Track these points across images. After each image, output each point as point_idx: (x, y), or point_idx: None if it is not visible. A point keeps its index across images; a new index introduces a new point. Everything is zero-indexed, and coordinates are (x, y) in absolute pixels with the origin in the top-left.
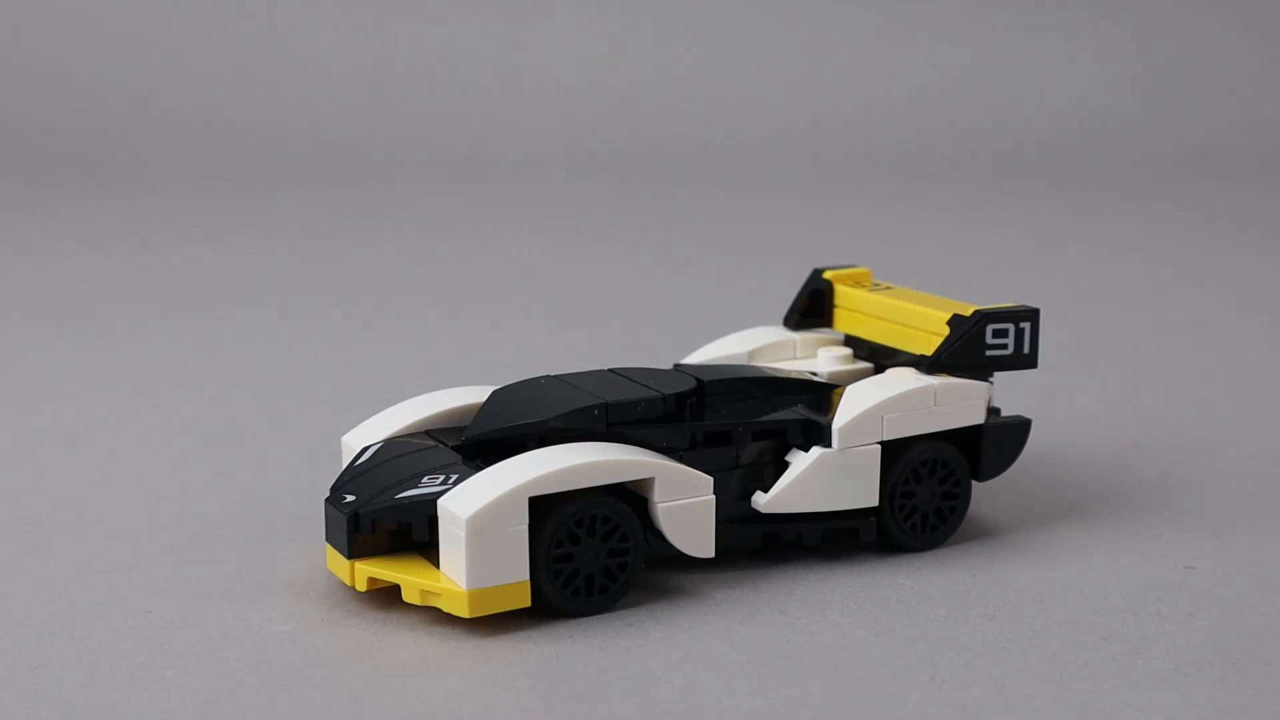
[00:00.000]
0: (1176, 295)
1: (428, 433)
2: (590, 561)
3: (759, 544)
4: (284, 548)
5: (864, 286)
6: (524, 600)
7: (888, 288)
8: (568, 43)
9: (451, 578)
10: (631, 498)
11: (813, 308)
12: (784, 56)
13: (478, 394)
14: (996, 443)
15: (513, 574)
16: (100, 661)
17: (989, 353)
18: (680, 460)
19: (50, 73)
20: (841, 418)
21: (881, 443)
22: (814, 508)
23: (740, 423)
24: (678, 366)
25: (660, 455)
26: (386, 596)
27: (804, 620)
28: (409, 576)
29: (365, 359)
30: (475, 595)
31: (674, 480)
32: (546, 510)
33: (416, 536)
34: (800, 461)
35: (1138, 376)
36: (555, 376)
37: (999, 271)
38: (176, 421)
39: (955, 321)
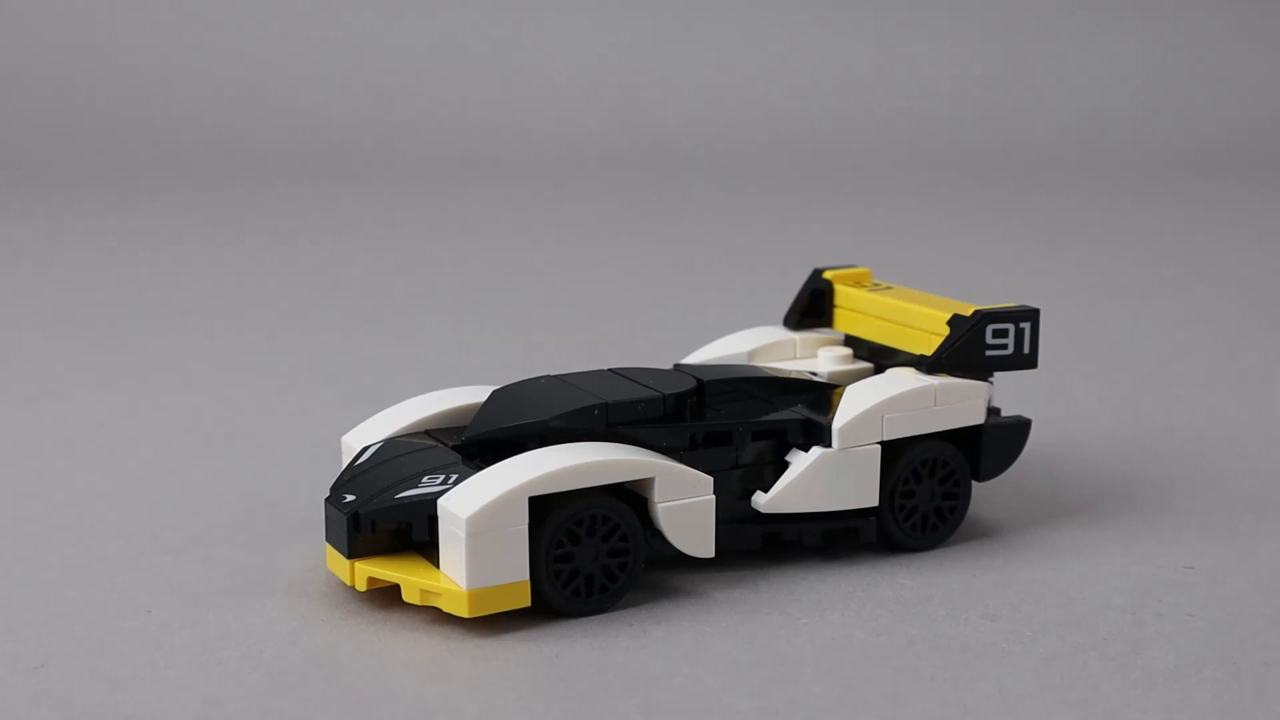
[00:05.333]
0: (1176, 295)
1: (428, 433)
2: (590, 561)
3: (759, 544)
4: (284, 548)
5: (864, 286)
6: (524, 600)
7: (888, 288)
8: (568, 42)
9: (451, 578)
10: (631, 498)
11: (813, 308)
12: (784, 57)
13: (478, 394)
14: (996, 443)
15: (513, 574)
16: (100, 661)
17: (989, 353)
18: (680, 460)
19: (50, 73)
20: (841, 418)
21: (881, 443)
22: (814, 508)
23: (740, 423)
24: (678, 366)
25: (660, 455)
26: (386, 596)
27: (804, 620)
28: (409, 576)
29: (365, 359)
30: (475, 595)
31: (674, 480)
32: (546, 510)
33: (416, 536)
34: (800, 461)
35: (1138, 376)
36: (555, 376)
37: (999, 271)
38: (176, 422)
39: (955, 321)
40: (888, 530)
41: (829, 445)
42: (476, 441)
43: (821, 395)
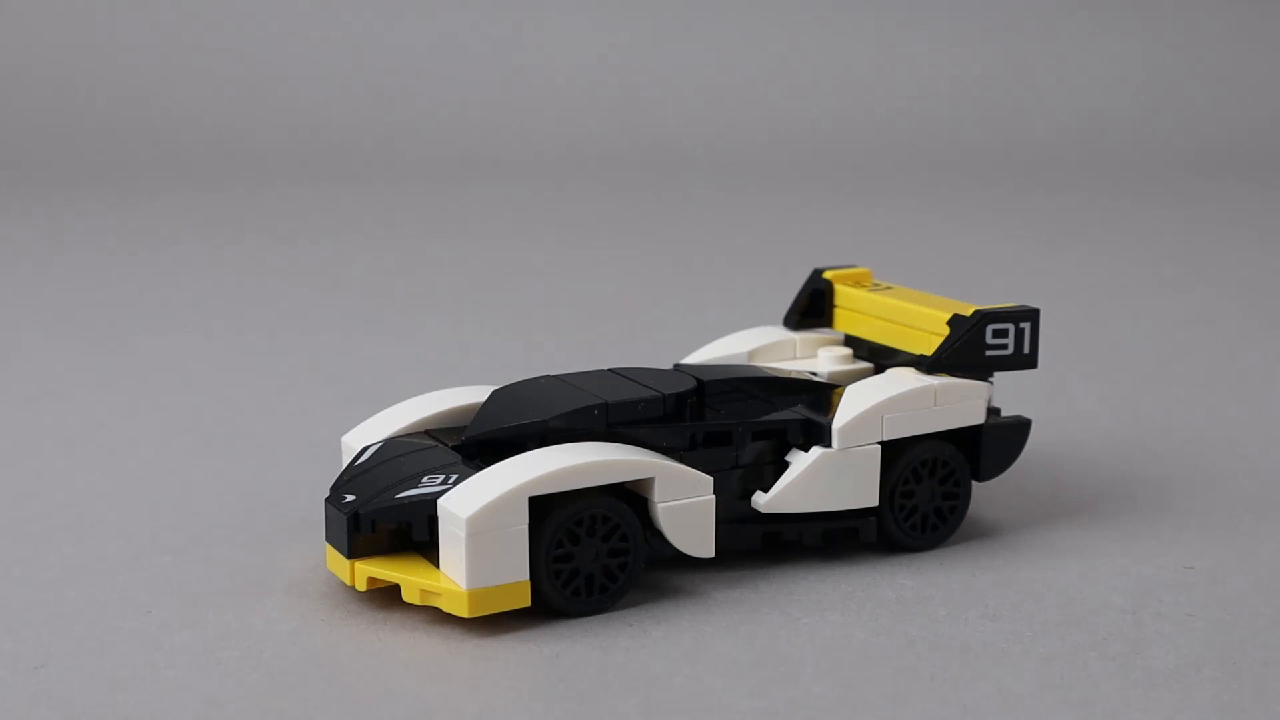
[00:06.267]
0: (1176, 295)
1: (428, 433)
2: (590, 561)
3: (759, 544)
4: (284, 548)
5: (864, 286)
6: (524, 600)
7: (888, 288)
8: (568, 42)
9: (451, 578)
10: (631, 498)
11: (813, 308)
12: (784, 57)
13: (478, 394)
14: (996, 443)
15: (513, 574)
16: (100, 661)
17: (989, 353)
18: (680, 460)
19: (50, 73)
20: (841, 418)
21: (881, 443)
22: (814, 508)
23: (740, 423)
24: (678, 366)
25: (660, 455)
26: (386, 596)
27: (804, 620)
28: (409, 576)
29: (365, 359)
30: (475, 595)
31: (674, 480)
32: (547, 510)
33: (416, 536)
34: (800, 461)
35: (1138, 376)
36: (555, 376)
37: (999, 271)
38: (176, 421)
39: (955, 321)
40: (888, 530)
41: (829, 445)
42: (476, 441)
43: (821, 395)
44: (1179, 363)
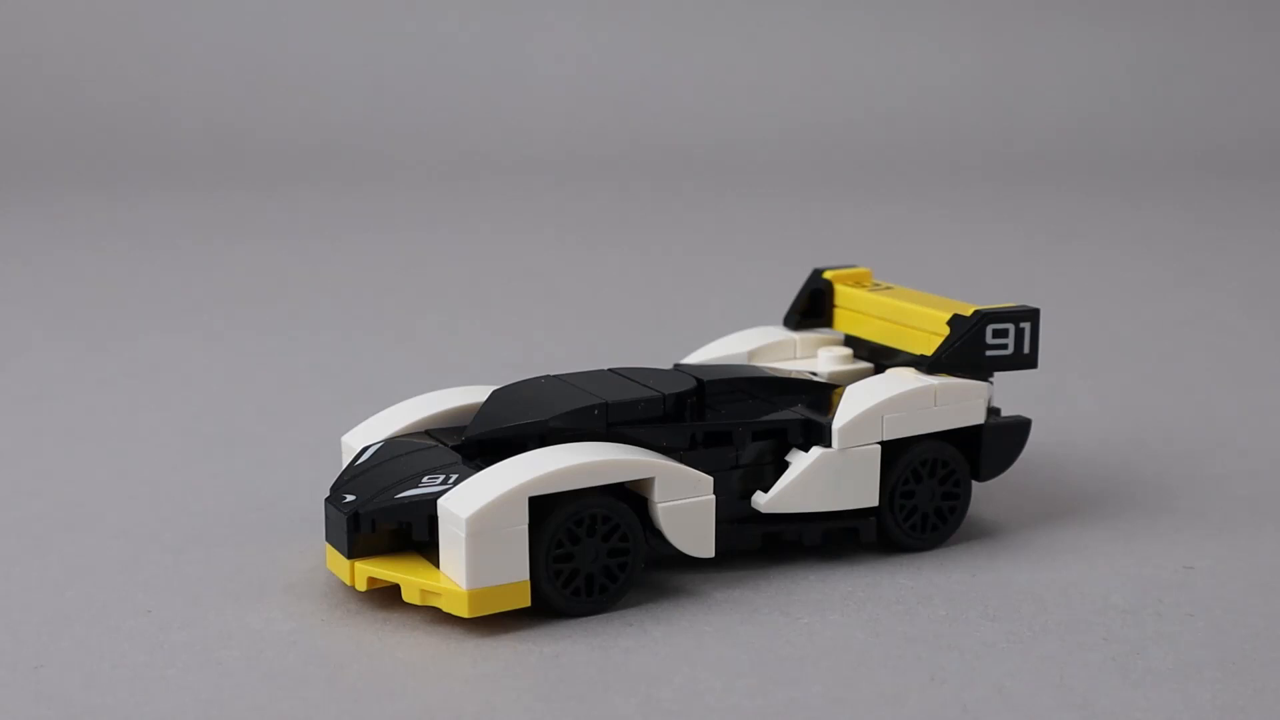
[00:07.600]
0: (1177, 295)
1: (428, 433)
2: (590, 561)
3: (759, 544)
4: (284, 548)
5: (864, 286)
6: (524, 600)
7: (888, 288)
8: (568, 43)
9: (451, 578)
10: (631, 497)
11: (813, 308)
12: (784, 57)
13: (478, 394)
14: (996, 443)
15: (513, 574)
16: (100, 661)
17: (989, 353)
18: (680, 460)
19: (50, 73)
20: (841, 418)
21: (881, 443)
22: (814, 508)
23: (740, 423)
24: (678, 366)
25: (660, 455)
26: (386, 596)
27: (804, 620)
28: (409, 576)
29: (365, 359)
30: (475, 595)
31: (674, 480)
32: (547, 510)
33: (416, 536)
34: (800, 461)
35: (1138, 376)
36: (555, 376)
37: (999, 271)
38: (176, 421)
39: (955, 321)
40: (888, 530)
41: (829, 445)
42: (476, 441)
43: (821, 395)
44: (1179, 363)
